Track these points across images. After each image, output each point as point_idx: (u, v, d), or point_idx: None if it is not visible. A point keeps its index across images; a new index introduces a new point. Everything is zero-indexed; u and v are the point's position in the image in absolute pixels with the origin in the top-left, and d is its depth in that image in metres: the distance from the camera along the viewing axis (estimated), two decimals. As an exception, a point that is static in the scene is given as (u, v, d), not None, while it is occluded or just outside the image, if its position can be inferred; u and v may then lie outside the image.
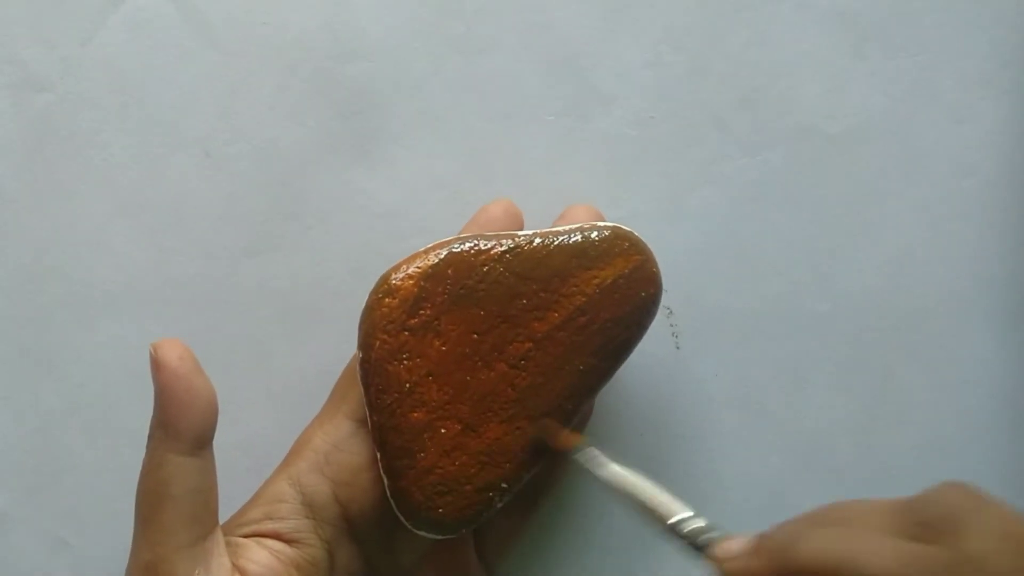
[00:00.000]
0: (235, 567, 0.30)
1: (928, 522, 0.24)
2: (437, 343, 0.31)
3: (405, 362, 0.31)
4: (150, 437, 0.29)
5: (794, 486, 0.38)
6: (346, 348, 0.34)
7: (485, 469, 0.31)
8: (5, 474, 0.37)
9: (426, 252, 0.32)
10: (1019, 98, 0.37)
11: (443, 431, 0.31)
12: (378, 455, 0.31)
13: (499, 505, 0.32)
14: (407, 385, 0.31)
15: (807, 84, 0.37)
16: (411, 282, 0.31)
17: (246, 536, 0.31)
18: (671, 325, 0.37)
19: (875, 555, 0.23)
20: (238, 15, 0.37)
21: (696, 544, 0.27)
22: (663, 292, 0.33)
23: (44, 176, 0.37)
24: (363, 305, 0.32)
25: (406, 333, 0.31)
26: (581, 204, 0.34)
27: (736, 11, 0.37)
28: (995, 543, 0.23)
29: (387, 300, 0.31)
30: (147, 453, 0.29)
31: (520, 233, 0.32)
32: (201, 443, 0.29)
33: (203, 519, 0.29)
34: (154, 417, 0.29)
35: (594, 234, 0.32)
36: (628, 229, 0.33)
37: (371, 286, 0.33)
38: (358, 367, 0.32)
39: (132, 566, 0.29)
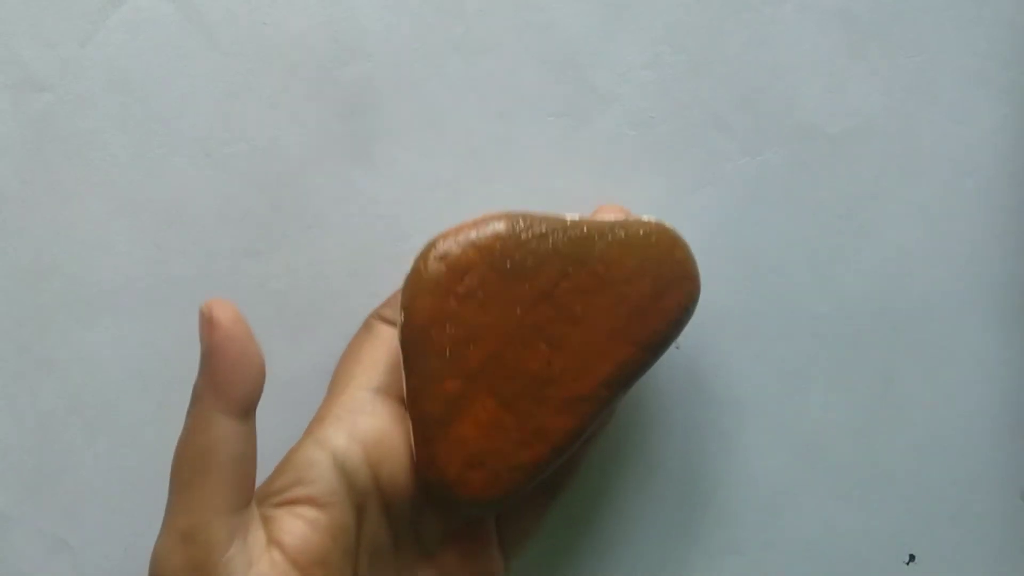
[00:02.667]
0: (270, 540, 0.29)
1: None
2: (480, 313, 0.31)
3: (448, 328, 0.31)
4: (197, 398, 0.28)
5: (794, 486, 0.38)
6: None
7: (519, 449, 0.31)
8: (5, 474, 0.37)
9: (475, 223, 0.31)
10: (1019, 98, 0.37)
11: (479, 403, 0.31)
12: (410, 426, 0.31)
13: (528, 488, 0.32)
14: (448, 351, 0.31)
15: (807, 84, 0.37)
16: (459, 250, 0.31)
17: (277, 506, 0.30)
18: (671, 325, 0.37)
19: None
20: (238, 15, 0.37)
21: None
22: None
23: (44, 176, 0.37)
24: (408, 270, 0.32)
25: (452, 299, 0.31)
26: (612, 204, 0.34)
27: (736, 11, 0.37)
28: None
29: (435, 265, 0.31)
30: (192, 415, 0.28)
31: (569, 216, 0.32)
32: (249, 408, 0.29)
33: (244, 488, 0.29)
34: (201, 378, 0.28)
35: (640, 229, 0.32)
36: (671, 226, 0.33)
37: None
38: (398, 331, 0.31)
39: (167, 533, 0.28)
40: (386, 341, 0.33)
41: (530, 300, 0.31)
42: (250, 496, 0.29)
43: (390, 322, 0.34)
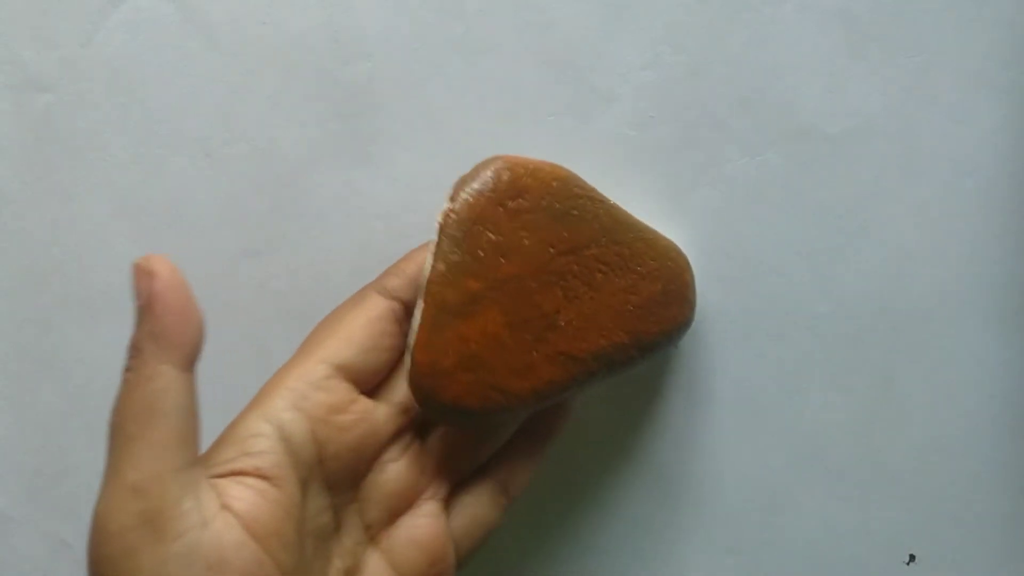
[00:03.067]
0: (221, 505, 0.28)
1: None
2: (522, 234, 0.32)
3: (489, 233, 0.32)
4: (137, 349, 0.27)
5: (793, 486, 0.38)
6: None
7: (508, 374, 0.32)
8: (6, 475, 0.37)
9: (542, 161, 0.33)
10: (1019, 98, 0.37)
11: (490, 314, 0.31)
12: (417, 312, 0.31)
13: (497, 419, 0.32)
14: (481, 252, 0.31)
15: (807, 85, 0.37)
16: (522, 171, 0.32)
17: (221, 476, 0.29)
18: (671, 325, 0.37)
19: None
20: (238, 15, 0.37)
21: None
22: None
23: (44, 176, 0.37)
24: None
25: (501, 209, 0.32)
26: None
27: (736, 12, 0.37)
28: None
29: (498, 172, 0.32)
30: (133, 368, 0.27)
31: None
32: (193, 360, 0.28)
33: (192, 442, 0.28)
34: (142, 328, 0.27)
35: (663, 242, 0.34)
36: (680, 250, 0.35)
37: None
38: (439, 218, 0.32)
39: (114, 487, 0.27)
40: (373, 314, 0.32)
41: (564, 247, 0.32)
42: (196, 453, 0.28)
43: (389, 294, 0.33)
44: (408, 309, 0.32)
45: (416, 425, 0.33)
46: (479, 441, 0.34)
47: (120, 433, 0.27)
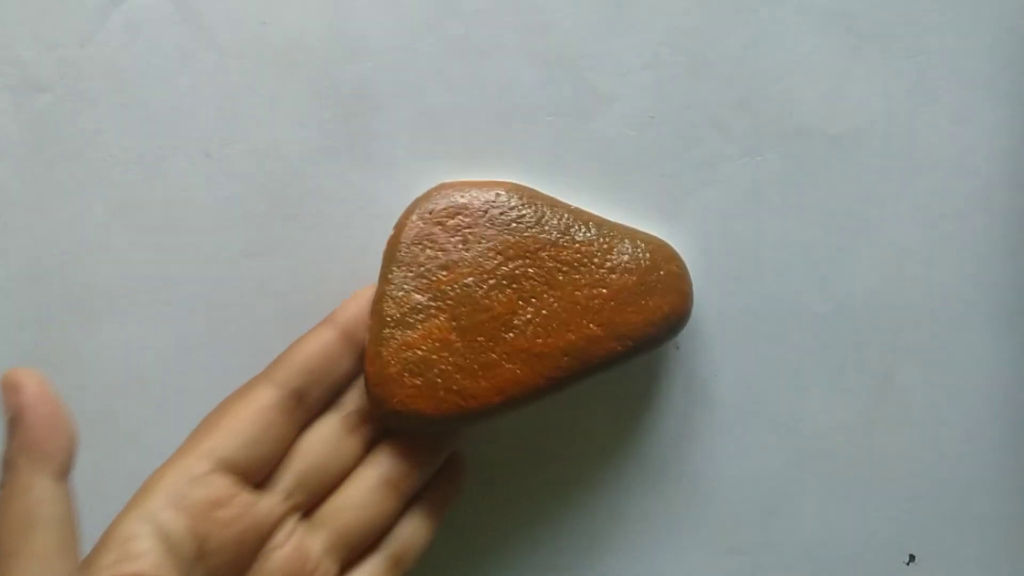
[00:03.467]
0: None
1: None
2: (461, 248, 0.33)
3: (428, 250, 0.33)
4: (9, 464, 0.27)
5: (794, 487, 0.38)
6: (346, 348, 0.34)
7: (465, 376, 0.33)
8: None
9: (485, 181, 0.35)
10: (1019, 99, 0.37)
11: (436, 321, 0.33)
12: (367, 332, 0.33)
13: (465, 421, 0.33)
14: (421, 267, 0.33)
15: (807, 85, 0.37)
16: (458, 193, 0.34)
17: None
18: (671, 325, 0.37)
19: None
20: (238, 16, 0.37)
21: None
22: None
23: (43, 177, 0.37)
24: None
25: (439, 228, 0.33)
26: None
27: (736, 12, 0.37)
28: None
29: (435, 197, 0.34)
30: (7, 481, 0.27)
31: (580, 207, 0.35)
32: (66, 468, 0.28)
33: (71, 552, 0.27)
34: (13, 443, 0.27)
35: (640, 238, 0.34)
36: (672, 247, 0.35)
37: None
38: (386, 245, 0.34)
39: None
40: (259, 404, 0.32)
41: (512, 253, 0.33)
42: (76, 561, 0.28)
43: (278, 384, 0.33)
44: (299, 397, 0.33)
45: (304, 509, 0.33)
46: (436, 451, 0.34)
47: (2, 550, 0.27)
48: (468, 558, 0.38)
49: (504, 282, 0.33)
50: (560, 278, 0.33)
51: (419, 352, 0.33)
